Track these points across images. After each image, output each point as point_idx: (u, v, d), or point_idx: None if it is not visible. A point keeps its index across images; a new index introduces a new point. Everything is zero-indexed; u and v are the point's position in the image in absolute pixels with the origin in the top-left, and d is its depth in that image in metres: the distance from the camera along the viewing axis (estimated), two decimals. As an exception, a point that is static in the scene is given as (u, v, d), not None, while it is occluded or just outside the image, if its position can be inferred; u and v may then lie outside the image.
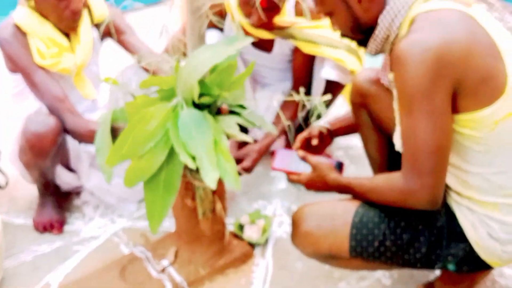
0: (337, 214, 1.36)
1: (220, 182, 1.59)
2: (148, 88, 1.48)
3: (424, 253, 1.30)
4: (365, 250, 1.32)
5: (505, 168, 1.22)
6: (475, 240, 1.27)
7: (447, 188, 1.30)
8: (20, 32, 1.81)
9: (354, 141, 2.44)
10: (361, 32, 1.33)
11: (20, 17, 1.83)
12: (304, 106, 1.59)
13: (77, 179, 2.05)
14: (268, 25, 1.98)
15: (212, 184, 1.24)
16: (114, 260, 1.74)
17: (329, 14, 1.34)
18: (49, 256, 1.85)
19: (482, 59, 1.16)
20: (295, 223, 1.41)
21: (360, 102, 1.65)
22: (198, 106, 1.38)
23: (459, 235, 1.28)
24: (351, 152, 2.39)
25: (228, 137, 1.35)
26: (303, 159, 1.48)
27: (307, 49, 2.04)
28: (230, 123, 1.40)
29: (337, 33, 1.38)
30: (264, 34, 2.04)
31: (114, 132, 1.49)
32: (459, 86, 1.16)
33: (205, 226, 1.59)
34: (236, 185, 1.29)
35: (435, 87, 1.13)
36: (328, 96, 1.45)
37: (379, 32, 1.29)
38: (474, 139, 1.21)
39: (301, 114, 1.57)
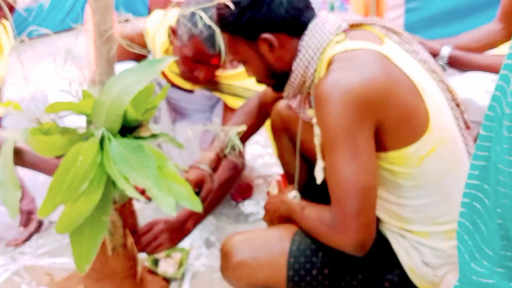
0: (273, 243, 1.30)
1: (132, 213, 1.49)
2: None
3: (360, 279, 1.28)
4: (303, 279, 1.27)
5: (433, 199, 1.23)
6: (408, 265, 1.26)
7: (377, 219, 1.28)
8: None
9: (274, 169, 2.42)
10: (275, 77, 1.32)
11: None
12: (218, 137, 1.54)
13: None
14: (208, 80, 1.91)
15: (171, 211, 1.16)
16: (14, 303, 1.58)
17: (243, 62, 1.33)
18: None
19: (401, 98, 1.16)
20: (226, 254, 1.33)
21: (282, 127, 1.65)
22: (121, 135, 1.29)
23: (393, 261, 1.28)
24: (271, 180, 2.36)
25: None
26: None
27: (230, 102, 1.99)
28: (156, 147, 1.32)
29: (253, 80, 1.37)
30: (189, 86, 1.98)
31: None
32: (381, 125, 1.15)
33: (115, 263, 1.47)
34: (197, 207, 1.23)
35: (357, 126, 1.12)
36: (243, 127, 1.41)
37: (295, 79, 1.29)
38: (403, 175, 1.21)
39: (217, 145, 1.51)
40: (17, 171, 1.52)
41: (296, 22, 1.25)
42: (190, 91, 2.09)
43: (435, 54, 1.71)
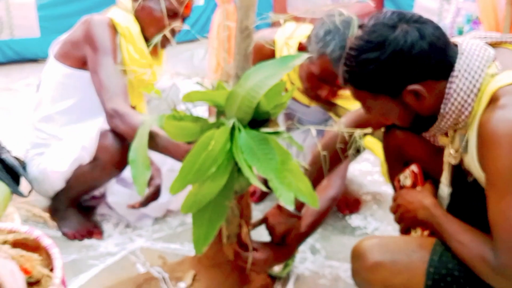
0: (412, 249, 1.26)
1: (248, 206, 1.55)
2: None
3: None
4: None
5: None
6: None
7: None
8: (113, 29, 1.85)
9: (382, 188, 2.39)
10: (418, 121, 1.25)
11: (121, 19, 1.87)
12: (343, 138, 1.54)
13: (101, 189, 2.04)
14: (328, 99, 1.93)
15: (290, 204, 1.20)
16: (130, 277, 1.68)
17: (383, 114, 1.26)
18: (64, 268, 1.79)
19: None
20: (360, 255, 1.30)
21: (397, 150, 1.59)
22: (251, 126, 1.35)
23: None
24: (379, 197, 2.33)
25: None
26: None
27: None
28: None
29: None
30: (306, 101, 2.02)
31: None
32: None
33: (228, 251, 1.53)
34: (314, 203, 1.25)
35: None
36: (369, 130, 1.40)
37: (445, 123, 1.21)
38: None
39: (339, 146, 1.50)
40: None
41: (442, 65, 1.16)
42: (307, 105, 2.13)
43: None
